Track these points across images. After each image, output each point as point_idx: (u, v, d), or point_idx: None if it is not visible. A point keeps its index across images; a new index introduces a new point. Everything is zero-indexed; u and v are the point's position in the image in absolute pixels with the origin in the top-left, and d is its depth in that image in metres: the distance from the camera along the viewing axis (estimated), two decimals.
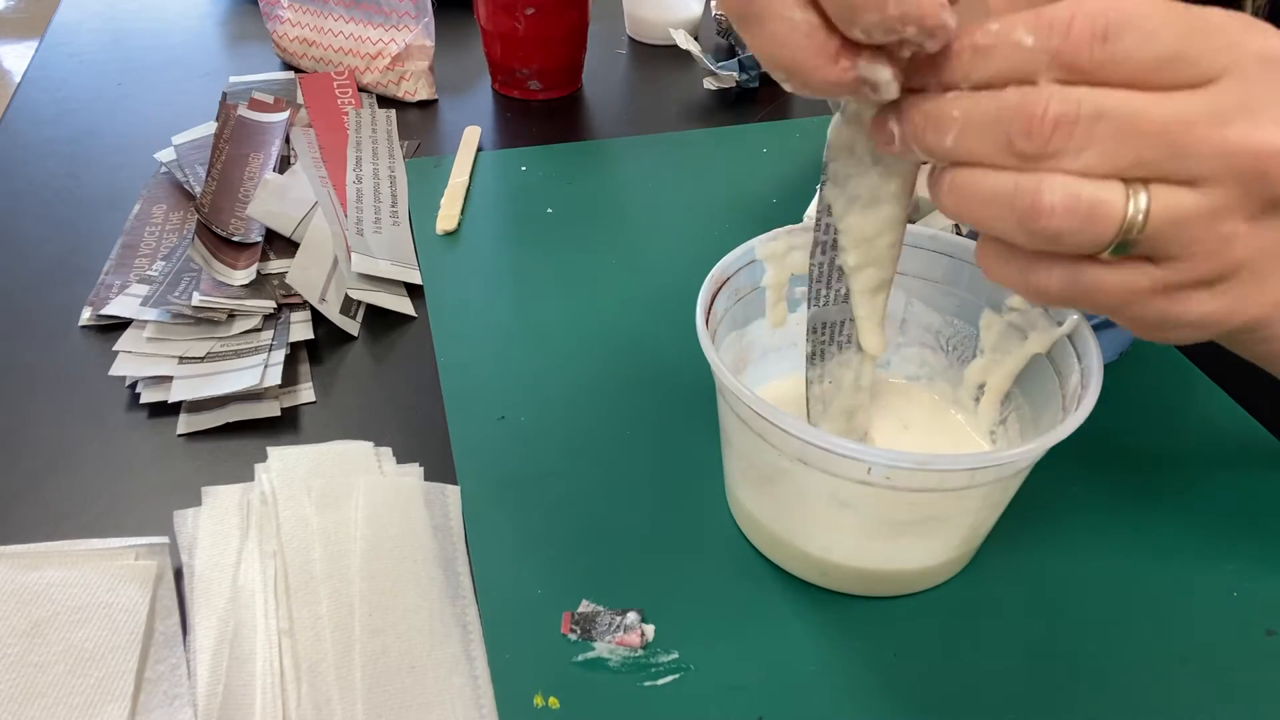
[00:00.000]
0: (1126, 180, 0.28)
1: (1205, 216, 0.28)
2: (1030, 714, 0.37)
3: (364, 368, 0.52)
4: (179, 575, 0.40)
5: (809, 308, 0.38)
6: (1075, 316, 0.38)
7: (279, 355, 0.50)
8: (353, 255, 0.56)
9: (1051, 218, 0.28)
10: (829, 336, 0.39)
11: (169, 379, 0.49)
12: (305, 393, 0.50)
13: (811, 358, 0.40)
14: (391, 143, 0.70)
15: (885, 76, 0.28)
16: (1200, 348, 0.49)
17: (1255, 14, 0.53)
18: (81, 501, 0.44)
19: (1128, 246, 0.28)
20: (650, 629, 0.39)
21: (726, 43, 0.84)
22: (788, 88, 0.30)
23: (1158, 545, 0.43)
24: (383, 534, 0.41)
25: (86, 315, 0.54)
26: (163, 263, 0.56)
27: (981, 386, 0.44)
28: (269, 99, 0.72)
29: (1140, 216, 0.28)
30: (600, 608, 0.39)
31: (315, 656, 0.37)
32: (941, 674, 0.38)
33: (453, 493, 0.44)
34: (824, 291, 0.37)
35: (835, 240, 0.36)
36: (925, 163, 0.32)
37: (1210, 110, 0.27)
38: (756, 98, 0.79)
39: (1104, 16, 0.27)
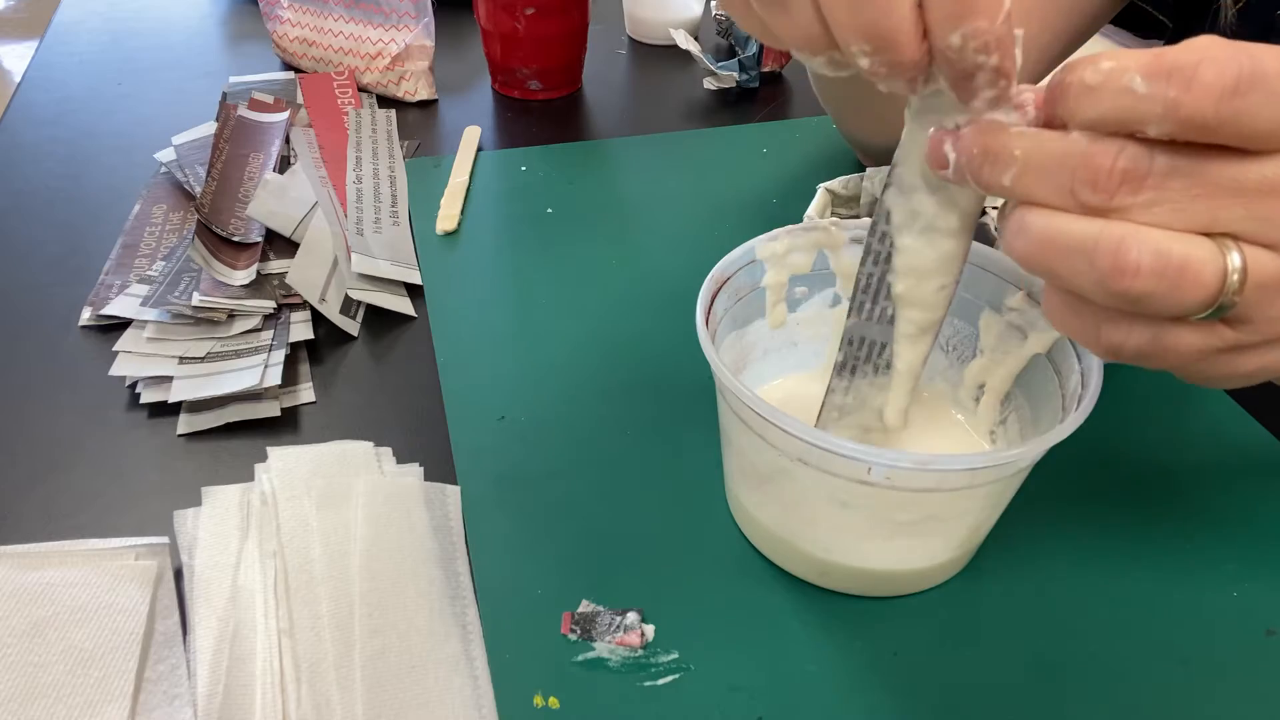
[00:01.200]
0: (1217, 240, 0.25)
1: None
2: (1030, 714, 0.37)
3: (364, 368, 0.52)
4: (179, 575, 0.40)
5: (849, 317, 0.37)
6: None
7: (279, 355, 0.50)
8: (353, 255, 0.56)
9: (1137, 278, 0.25)
10: (865, 354, 0.37)
11: (169, 379, 0.49)
12: (305, 393, 0.50)
13: (840, 368, 0.38)
14: (391, 143, 0.70)
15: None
16: None
17: (1227, 18, 0.53)
18: (81, 501, 0.44)
19: (1222, 311, 0.26)
20: (650, 629, 0.39)
21: (726, 43, 0.84)
22: (862, 64, 0.28)
23: (1158, 545, 0.43)
24: (383, 534, 0.41)
25: (86, 315, 0.54)
26: (163, 263, 0.56)
27: (981, 387, 0.44)
28: (269, 99, 0.72)
29: (1236, 278, 0.25)
30: (600, 608, 0.39)
31: (315, 656, 0.37)
32: (941, 674, 0.38)
33: (453, 493, 0.44)
34: (868, 305, 0.36)
35: (890, 254, 0.34)
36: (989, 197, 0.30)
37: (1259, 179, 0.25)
38: (756, 98, 0.79)
39: (1236, 66, 0.24)
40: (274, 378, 0.49)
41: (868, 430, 0.40)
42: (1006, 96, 0.28)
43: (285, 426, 0.48)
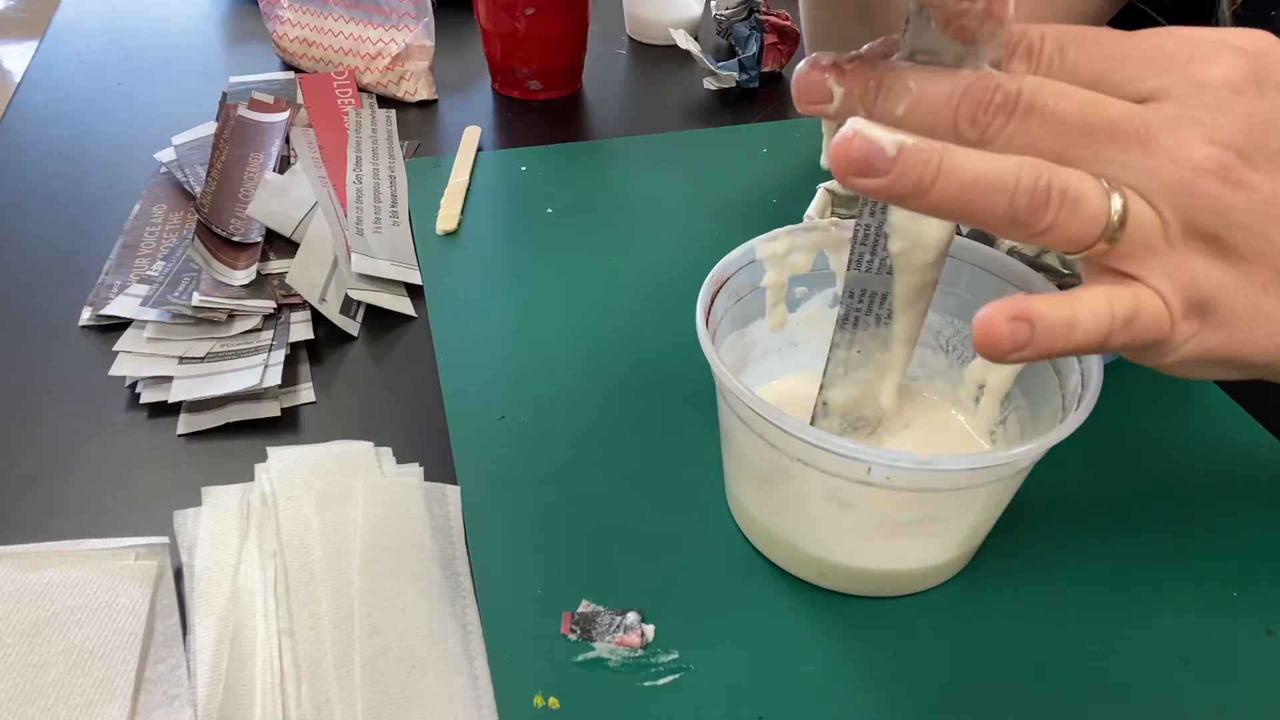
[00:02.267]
0: (1101, 182, 0.28)
1: (1160, 232, 0.29)
2: (1030, 714, 0.37)
3: (364, 368, 0.52)
4: (179, 575, 0.40)
5: (848, 269, 0.36)
6: None
7: (279, 355, 0.50)
8: (353, 255, 0.56)
9: (1047, 210, 0.28)
10: (866, 305, 0.37)
11: (169, 379, 0.49)
12: (305, 393, 0.50)
13: (843, 322, 0.38)
14: (391, 143, 0.70)
15: None
16: None
17: (1231, 13, 0.54)
18: (81, 501, 0.44)
19: (1113, 241, 0.29)
20: (650, 629, 0.39)
21: (726, 43, 0.84)
22: None
23: (1158, 545, 0.43)
24: (383, 534, 0.41)
25: (86, 315, 0.54)
26: (163, 263, 0.56)
27: (981, 387, 0.43)
28: (269, 99, 0.72)
29: (1117, 216, 0.28)
30: (600, 608, 0.39)
31: (315, 656, 0.37)
32: (941, 674, 0.38)
33: (453, 493, 0.44)
34: (867, 256, 0.36)
35: (886, 206, 0.34)
36: None
37: (1139, 117, 0.28)
38: (756, 98, 0.79)
39: (1067, 34, 0.29)
40: (274, 378, 0.49)
41: (869, 389, 0.40)
42: (998, 41, 0.28)
43: (285, 426, 0.48)
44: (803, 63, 0.31)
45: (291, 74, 0.79)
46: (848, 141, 0.28)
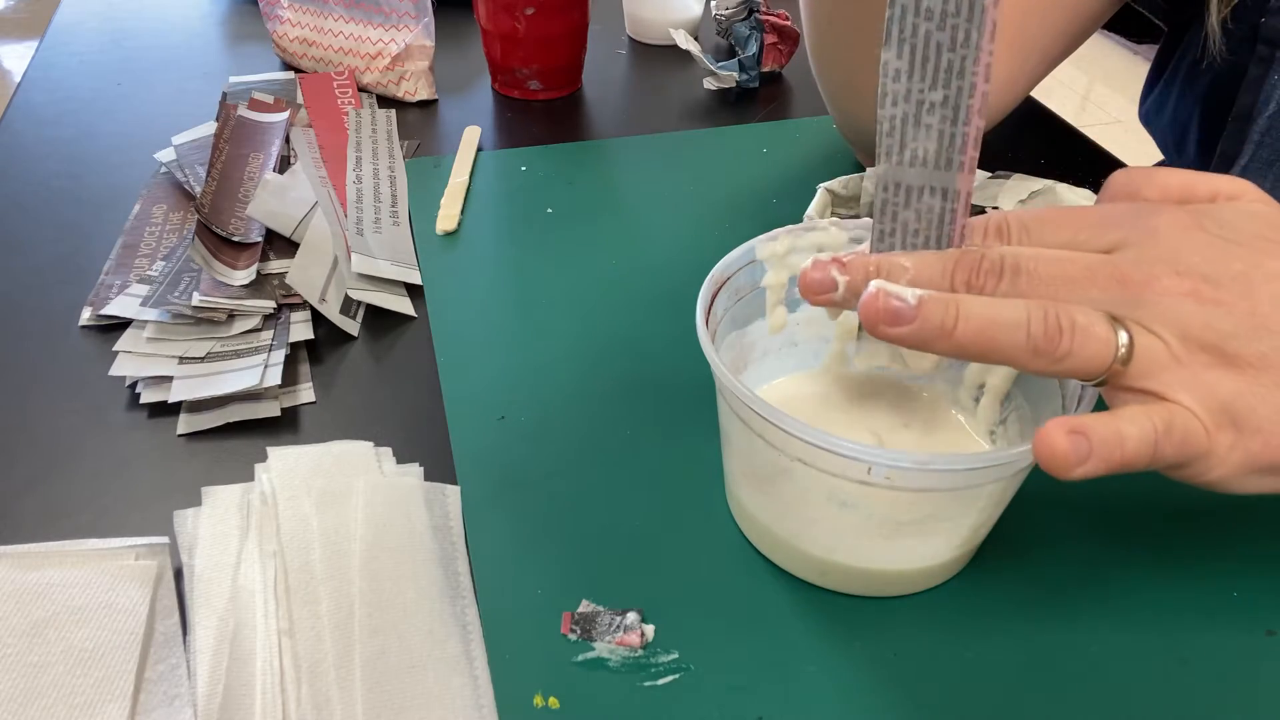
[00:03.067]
0: (1111, 320, 0.32)
1: (1165, 351, 0.31)
2: (1030, 714, 0.37)
3: (364, 368, 0.52)
4: (179, 575, 0.40)
5: (879, 163, 0.35)
6: None
7: (279, 355, 0.50)
8: (353, 255, 0.56)
9: (1061, 337, 0.31)
10: (904, 200, 0.36)
11: (169, 379, 0.49)
12: (305, 393, 0.50)
13: (880, 215, 0.36)
14: (391, 143, 0.70)
15: None
16: None
17: (1219, 23, 0.56)
18: (81, 501, 0.44)
19: (1127, 363, 0.31)
20: (650, 629, 0.39)
21: (726, 43, 0.84)
22: None
23: (1158, 545, 0.43)
24: (383, 534, 0.41)
25: (86, 315, 0.54)
26: (163, 263, 0.56)
27: (981, 387, 0.43)
28: (269, 99, 0.72)
29: (1125, 338, 0.31)
30: (600, 608, 0.39)
31: (315, 656, 0.37)
32: (941, 674, 0.38)
33: (453, 493, 0.44)
34: (896, 149, 0.35)
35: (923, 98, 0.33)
36: None
37: (1109, 262, 0.33)
38: (756, 98, 0.79)
39: (1028, 215, 0.35)
40: (274, 378, 0.49)
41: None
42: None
43: (285, 426, 0.48)
44: (807, 263, 0.35)
45: (291, 74, 0.79)
46: (874, 299, 0.32)
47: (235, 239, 0.57)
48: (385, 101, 0.78)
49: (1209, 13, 0.57)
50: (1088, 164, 0.71)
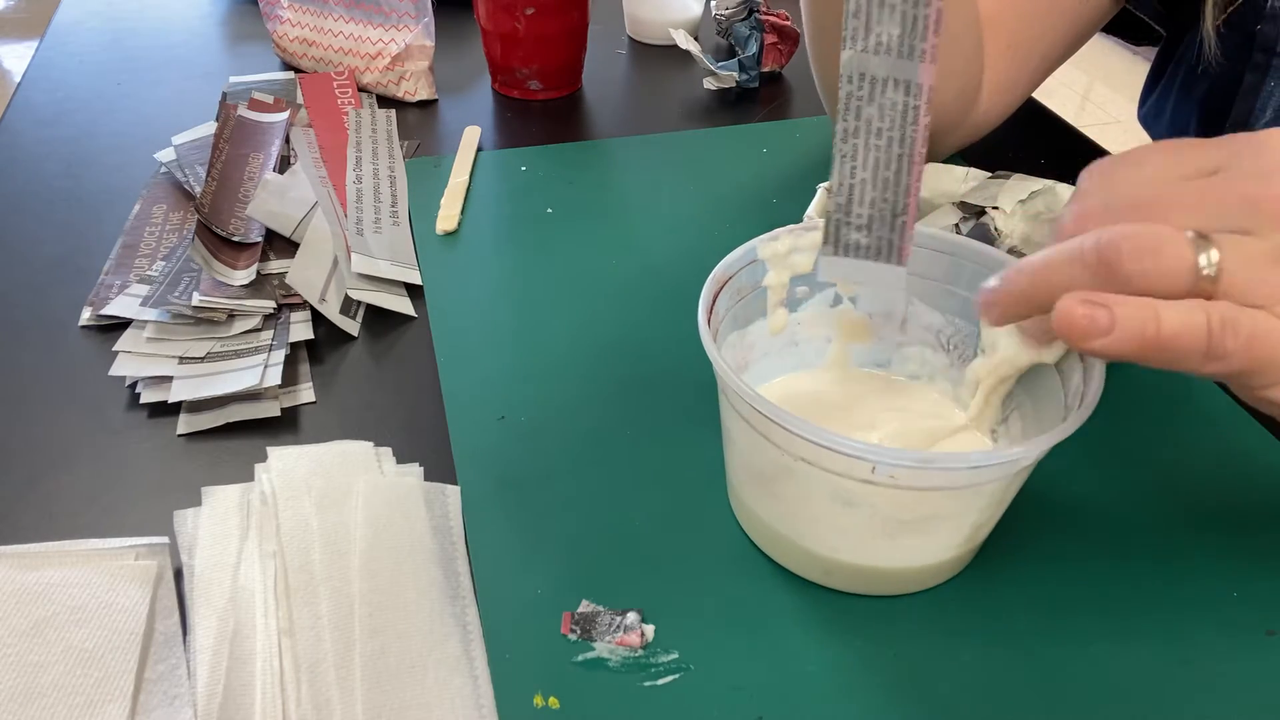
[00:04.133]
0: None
1: (1266, 254, 0.31)
2: (1030, 714, 0.36)
3: (364, 368, 0.52)
4: (179, 575, 0.40)
5: (843, 49, 0.34)
6: None
7: (279, 355, 0.50)
8: (353, 255, 0.56)
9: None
10: (868, 93, 0.34)
11: (169, 379, 0.49)
12: (305, 393, 0.50)
13: (844, 112, 0.35)
14: (391, 143, 0.70)
15: None
16: None
17: (1215, 20, 0.56)
18: (81, 501, 0.44)
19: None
20: (650, 629, 0.39)
21: (726, 43, 0.84)
22: None
23: (1158, 545, 0.43)
24: (383, 534, 0.41)
25: (86, 315, 0.54)
26: (163, 263, 0.56)
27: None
28: (269, 99, 0.72)
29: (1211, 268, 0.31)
30: (600, 608, 0.39)
31: (315, 656, 0.37)
32: (941, 674, 0.38)
33: (453, 493, 0.44)
34: (862, 32, 0.33)
35: None
36: None
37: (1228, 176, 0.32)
38: (756, 98, 0.79)
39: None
40: (274, 378, 0.49)
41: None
42: None
43: (285, 426, 0.48)
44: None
45: (291, 74, 0.79)
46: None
47: (235, 239, 0.57)
48: (385, 101, 0.77)
49: (1204, 19, 0.57)
50: (1087, 164, 0.71)
